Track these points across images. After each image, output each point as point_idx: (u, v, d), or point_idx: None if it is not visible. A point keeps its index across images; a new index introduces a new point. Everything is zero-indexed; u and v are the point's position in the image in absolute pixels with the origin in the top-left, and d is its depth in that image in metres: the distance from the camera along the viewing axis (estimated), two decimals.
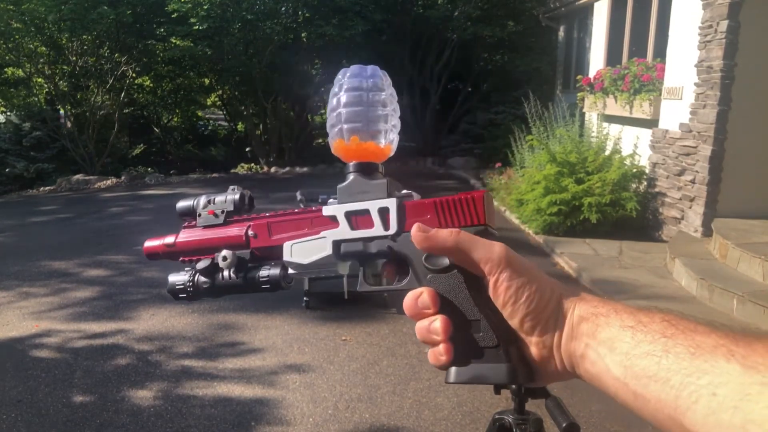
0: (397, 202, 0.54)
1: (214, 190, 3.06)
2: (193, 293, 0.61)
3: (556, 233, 6.32)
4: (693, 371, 0.36)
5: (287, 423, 2.92)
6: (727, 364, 0.35)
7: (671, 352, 0.38)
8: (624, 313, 0.44)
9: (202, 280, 0.60)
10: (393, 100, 0.60)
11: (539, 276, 0.47)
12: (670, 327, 0.41)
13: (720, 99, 5.32)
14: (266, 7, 11.35)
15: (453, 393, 3.15)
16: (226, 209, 0.63)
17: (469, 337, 0.49)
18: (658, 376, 0.38)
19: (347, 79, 0.59)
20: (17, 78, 12.59)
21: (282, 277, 0.58)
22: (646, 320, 0.42)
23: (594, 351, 0.43)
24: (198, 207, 0.64)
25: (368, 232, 0.54)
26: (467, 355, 0.49)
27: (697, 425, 0.35)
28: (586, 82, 8.43)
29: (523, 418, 1.46)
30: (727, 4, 5.18)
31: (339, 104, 0.58)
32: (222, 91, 14.67)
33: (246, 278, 0.59)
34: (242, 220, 0.62)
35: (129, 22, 11.03)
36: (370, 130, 0.58)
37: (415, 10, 12.18)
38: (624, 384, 0.41)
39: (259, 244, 0.60)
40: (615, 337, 0.42)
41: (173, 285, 0.62)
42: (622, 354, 0.41)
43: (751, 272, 4.45)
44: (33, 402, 3.18)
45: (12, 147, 11.59)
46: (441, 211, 0.52)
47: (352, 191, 0.56)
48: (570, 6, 10.36)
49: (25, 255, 6.18)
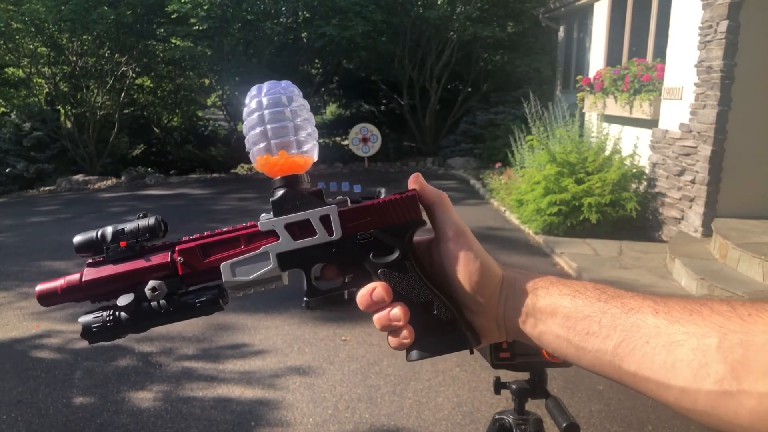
0: (337, 209, 0.56)
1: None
2: (114, 330, 0.55)
3: (556, 233, 6.32)
4: (628, 327, 0.44)
5: (287, 423, 2.92)
6: (654, 319, 0.43)
7: (608, 313, 0.46)
8: (560, 284, 0.51)
9: (124, 316, 0.55)
10: (307, 109, 0.61)
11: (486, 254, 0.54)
12: (602, 294, 0.48)
13: (720, 99, 5.32)
14: (266, 7, 11.35)
15: (453, 393, 3.15)
16: (141, 238, 0.57)
17: (425, 316, 0.53)
18: (600, 333, 0.46)
19: (265, 96, 0.59)
20: (17, 78, 12.59)
21: (220, 296, 0.55)
22: (581, 288, 0.50)
23: (534, 317, 0.51)
24: (104, 240, 0.57)
25: (312, 240, 0.55)
26: (426, 333, 0.53)
27: (633, 366, 0.43)
28: (586, 83, 8.43)
29: (523, 418, 1.46)
30: (727, 4, 5.18)
31: (263, 120, 0.58)
32: (222, 92, 14.68)
33: (178, 304, 0.55)
34: (163, 247, 0.57)
35: (129, 22, 11.04)
36: (297, 143, 0.58)
37: (415, 11, 12.18)
38: (566, 340, 0.48)
39: (190, 269, 0.56)
40: (555, 304, 0.49)
41: (88, 325, 0.55)
42: (563, 317, 0.48)
43: (751, 272, 4.45)
44: (33, 402, 3.18)
45: (12, 147, 11.59)
46: (379, 212, 0.56)
47: (287, 203, 0.57)
48: (570, 6, 10.36)
49: (25, 255, 6.18)
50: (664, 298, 0.45)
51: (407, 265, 0.54)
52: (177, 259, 0.56)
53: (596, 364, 0.46)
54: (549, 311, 0.49)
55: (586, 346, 0.46)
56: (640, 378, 0.43)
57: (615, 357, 0.44)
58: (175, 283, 0.56)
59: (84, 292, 0.57)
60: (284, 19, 12.22)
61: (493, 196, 8.50)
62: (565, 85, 11.59)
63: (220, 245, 0.57)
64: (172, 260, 0.56)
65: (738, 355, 0.38)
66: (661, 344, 0.42)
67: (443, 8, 11.69)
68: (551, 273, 3.23)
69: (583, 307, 0.47)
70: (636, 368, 0.43)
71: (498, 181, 8.64)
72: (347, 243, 0.55)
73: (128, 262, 0.56)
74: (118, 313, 0.55)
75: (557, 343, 0.49)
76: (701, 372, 0.39)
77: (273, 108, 0.58)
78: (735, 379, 0.37)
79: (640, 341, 0.43)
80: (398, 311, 0.52)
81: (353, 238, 0.55)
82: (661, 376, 0.41)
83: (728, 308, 0.41)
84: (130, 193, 10.45)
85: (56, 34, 11.39)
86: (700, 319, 0.41)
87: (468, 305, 0.54)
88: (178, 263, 0.56)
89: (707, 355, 0.39)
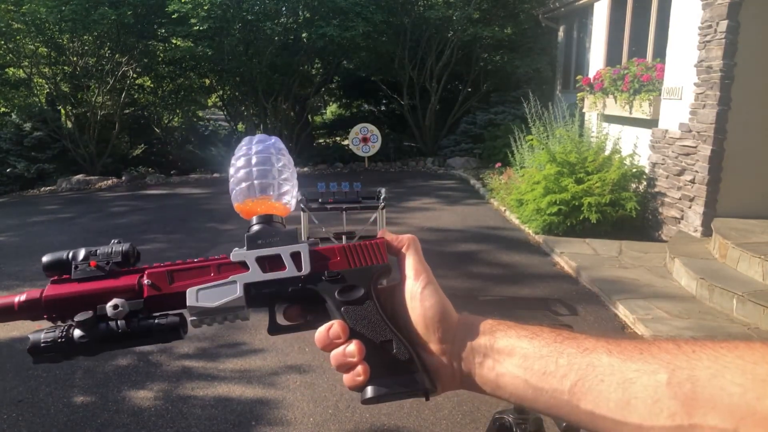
0: (309, 247, 0.58)
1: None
2: (65, 350, 0.52)
3: (556, 233, 6.32)
4: (584, 366, 0.45)
5: (288, 423, 2.93)
6: (609, 358, 0.45)
7: (564, 353, 0.47)
8: (517, 327, 0.52)
9: (78, 334, 0.52)
10: (291, 165, 0.65)
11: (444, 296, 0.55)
12: (558, 336, 0.49)
13: (720, 99, 5.33)
14: (267, 7, 11.36)
15: (453, 393, 3.15)
16: (113, 260, 0.56)
17: (382, 355, 0.53)
18: (557, 372, 0.47)
19: (255, 145, 0.64)
20: (18, 78, 12.60)
21: (181, 324, 0.54)
22: (538, 331, 0.51)
23: (492, 359, 0.51)
24: (74, 260, 0.56)
25: (280, 274, 0.56)
26: (382, 372, 0.53)
27: (590, 405, 0.44)
28: (585, 82, 8.44)
29: (523, 417, 1.47)
30: (727, 4, 5.19)
31: (249, 164, 0.62)
32: (222, 92, 14.67)
33: (137, 327, 0.53)
34: (133, 271, 0.57)
35: (130, 22, 11.03)
36: (279, 191, 0.62)
37: (415, 11, 12.18)
38: (524, 380, 0.49)
39: (156, 292, 0.55)
40: (513, 345, 0.50)
41: (37, 341, 0.52)
42: (521, 357, 0.49)
43: (751, 272, 4.46)
44: (34, 402, 3.18)
45: (13, 147, 11.59)
46: (348, 254, 0.58)
47: (260, 238, 0.58)
48: (570, 6, 10.36)
49: (25, 255, 6.19)
50: (617, 339, 0.47)
51: (369, 304, 0.56)
52: (144, 282, 0.55)
53: (553, 405, 0.47)
54: (507, 352, 0.50)
55: (544, 386, 0.47)
56: (597, 416, 0.44)
57: (572, 396, 0.45)
58: (138, 306, 0.54)
59: (43, 309, 0.54)
60: (284, 19, 12.22)
61: (493, 195, 8.51)
62: (565, 85, 11.60)
63: (189, 272, 0.57)
64: (139, 283, 0.55)
65: (687, 390, 0.39)
66: (616, 382, 0.43)
67: (443, 9, 11.68)
68: (551, 273, 3.26)
69: (540, 347, 0.49)
70: (593, 407, 0.44)
71: (498, 181, 8.64)
72: (314, 279, 0.57)
73: (94, 281, 0.55)
74: (72, 330, 0.52)
75: (514, 385, 0.49)
76: (655, 408, 0.40)
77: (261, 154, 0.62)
78: (686, 414, 0.39)
79: (596, 380, 0.44)
80: (353, 348, 0.53)
81: (320, 275, 0.57)
82: (618, 414, 0.42)
83: (674, 346, 0.43)
84: (131, 193, 10.45)
85: (57, 35, 11.39)
86: (650, 357, 0.43)
87: (425, 345, 0.54)
88: (145, 285, 0.55)
89: (658, 391, 0.40)
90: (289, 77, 12.74)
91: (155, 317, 0.54)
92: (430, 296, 0.54)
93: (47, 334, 0.52)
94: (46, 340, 0.52)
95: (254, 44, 12.03)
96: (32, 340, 0.52)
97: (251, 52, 12.09)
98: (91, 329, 0.52)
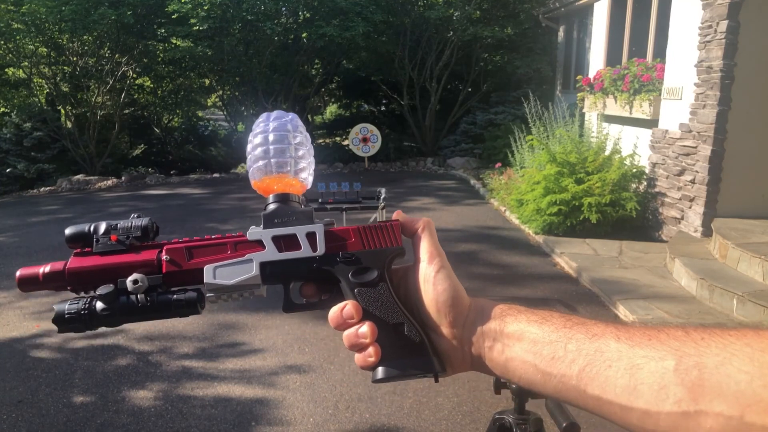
0: (324, 228, 0.58)
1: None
2: (88, 320, 0.54)
3: (556, 233, 6.32)
4: (592, 352, 0.46)
5: (287, 423, 2.92)
6: (617, 344, 0.45)
7: (573, 339, 0.48)
8: (528, 312, 0.53)
9: (100, 306, 0.54)
10: (308, 141, 0.65)
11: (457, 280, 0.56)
12: (567, 321, 0.50)
13: (720, 99, 5.33)
14: (266, 7, 11.35)
15: (453, 393, 3.16)
16: (132, 235, 0.58)
17: (394, 337, 0.55)
18: (565, 357, 0.47)
19: (272, 122, 0.63)
20: (18, 78, 12.59)
21: (198, 299, 0.56)
22: (548, 316, 0.51)
23: (501, 343, 0.52)
24: (95, 233, 0.58)
25: (296, 254, 0.57)
26: (393, 353, 0.54)
27: (597, 390, 0.45)
28: (586, 83, 8.43)
29: (523, 417, 1.47)
30: (727, 4, 5.18)
31: (266, 142, 0.62)
32: (222, 92, 14.67)
33: (156, 301, 0.55)
34: (152, 246, 0.58)
35: (130, 22, 11.02)
36: (296, 167, 0.62)
37: (415, 11, 12.18)
38: (533, 365, 0.49)
39: (174, 268, 0.56)
40: (523, 330, 0.51)
41: (62, 312, 0.54)
42: (530, 342, 0.50)
43: (751, 272, 4.46)
44: (34, 402, 3.18)
45: (12, 147, 11.59)
46: (363, 235, 0.58)
47: (277, 217, 0.59)
48: (570, 6, 10.36)
49: (25, 255, 6.19)
50: (626, 326, 0.47)
51: (383, 286, 0.56)
52: (163, 257, 0.57)
53: (561, 390, 0.48)
54: (516, 336, 0.51)
55: (552, 371, 0.48)
56: (604, 401, 0.44)
57: (580, 381, 0.46)
58: (157, 281, 0.56)
59: (66, 281, 0.57)
60: (284, 19, 12.22)
61: (493, 196, 8.51)
62: (565, 85, 11.60)
63: (206, 249, 0.58)
64: (158, 258, 0.57)
65: (694, 376, 0.39)
66: (623, 368, 0.43)
67: (443, 9, 11.67)
68: (551, 273, 3.26)
69: (549, 333, 0.49)
70: (600, 392, 0.45)
71: (498, 181, 8.64)
72: (329, 260, 0.57)
73: (115, 255, 0.57)
74: (95, 302, 0.54)
75: (523, 369, 0.50)
76: (661, 394, 0.41)
77: (278, 132, 0.62)
78: (692, 400, 0.39)
79: (603, 365, 0.45)
80: (366, 329, 0.54)
81: (335, 256, 0.57)
82: (624, 399, 0.43)
83: (683, 333, 0.43)
84: (131, 193, 10.45)
85: (57, 35, 11.38)
86: (658, 343, 0.43)
87: (436, 328, 0.54)
88: (164, 261, 0.57)
89: (665, 378, 0.41)
90: (289, 77, 12.74)
91: (174, 292, 0.56)
92: (444, 280, 0.54)
93: (71, 306, 0.55)
94: (70, 311, 0.54)
95: (254, 44, 12.03)
96: (57, 311, 0.55)
97: (251, 52, 12.09)
98: (113, 302, 0.54)
